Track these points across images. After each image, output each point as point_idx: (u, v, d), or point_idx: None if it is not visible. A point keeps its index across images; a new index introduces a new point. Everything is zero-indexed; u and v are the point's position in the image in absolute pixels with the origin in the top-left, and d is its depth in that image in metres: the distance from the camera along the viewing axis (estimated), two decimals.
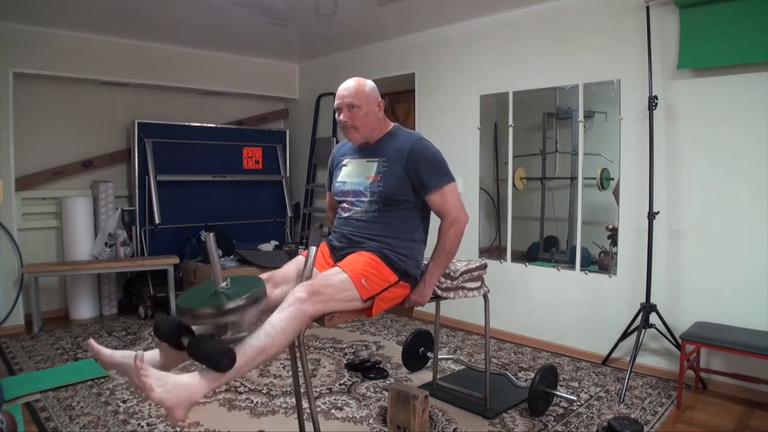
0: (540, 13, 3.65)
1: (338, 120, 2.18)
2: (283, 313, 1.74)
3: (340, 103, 2.14)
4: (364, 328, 4.17)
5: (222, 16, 3.93)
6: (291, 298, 1.77)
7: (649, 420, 2.57)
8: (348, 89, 2.13)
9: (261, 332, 1.69)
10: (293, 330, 1.75)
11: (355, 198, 2.18)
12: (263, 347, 1.67)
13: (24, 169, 4.25)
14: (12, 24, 3.94)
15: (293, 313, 1.74)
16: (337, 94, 2.17)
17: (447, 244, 2.14)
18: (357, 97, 2.11)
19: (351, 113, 2.12)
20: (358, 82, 2.15)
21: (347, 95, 2.12)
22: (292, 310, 1.75)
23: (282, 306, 1.76)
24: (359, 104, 2.11)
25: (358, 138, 2.18)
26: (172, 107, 5.12)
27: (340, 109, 2.15)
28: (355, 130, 2.15)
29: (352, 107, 2.11)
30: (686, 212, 3.06)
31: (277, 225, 5.52)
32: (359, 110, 2.11)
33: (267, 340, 1.68)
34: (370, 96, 2.15)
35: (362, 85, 2.15)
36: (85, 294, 4.43)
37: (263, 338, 1.68)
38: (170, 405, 1.53)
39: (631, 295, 3.24)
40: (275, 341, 1.70)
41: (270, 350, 1.70)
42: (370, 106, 2.14)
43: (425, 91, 4.46)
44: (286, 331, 1.73)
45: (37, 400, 2.75)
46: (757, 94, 2.77)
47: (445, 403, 2.75)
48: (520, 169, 3.92)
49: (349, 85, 2.14)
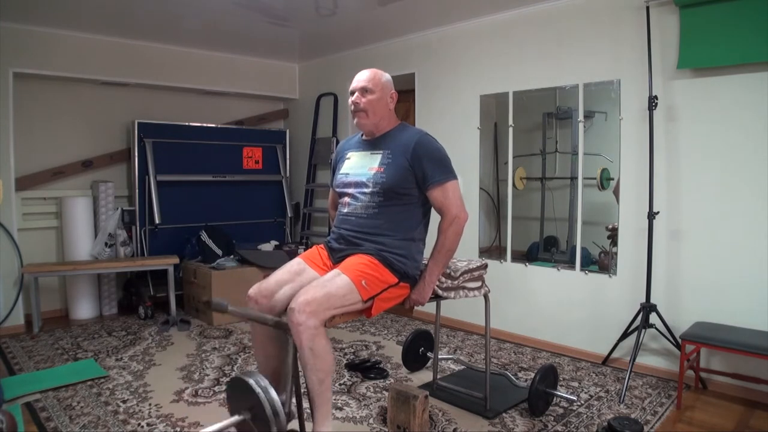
0: (540, 13, 3.65)
1: (350, 102, 2.23)
2: (303, 347, 1.83)
3: (355, 86, 2.21)
4: (364, 328, 4.17)
5: (222, 16, 3.93)
6: (294, 328, 1.83)
7: (649, 420, 2.57)
8: (364, 74, 2.22)
9: (308, 372, 1.85)
10: (321, 345, 1.85)
11: (356, 189, 2.19)
12: (321, 378, 1.86)
13: (24, 169, 4.25)
14: (12, 24, 3.94)
15: (308, 337, 1.81)
16: (355, 78, 2.24)
17: (447, 241, 2.15)
18: (372, 82, 2.18)
19: (365, 97, 2.17)
20: (375, 71, 2.24)
21: (363, 79, 2.20)
22: (305, 336, 1.81)
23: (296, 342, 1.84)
24: (373, 89, 2.17)
25: (367, 123, 2.21)
26: (171, 107, 5.12)
27: (353, 92, 2.21)
28: (364, 113, 2.19)
29: (365, 91, 2.17)
30: (686, 212, 3.06)
31: (277, 225, 5.52)
32: (372, 95, 2.17)
33: (317, 373, 1.85)
34: (385, 85, 2.22)
35: (379, 74, 2.23)
36: (85, 294, 4.43)
37: (314, 375, 1.85)
38: None
39: (631, 295, 3.25)
40: (320, 365, 1.85)
41: (325, 372, 1.88)
42: (384, 94, 2.20)
43: (425, 91, 4.46)
44: (318, 351, 1.84)
45: (37, 400, 2.75)
46: (757, 94, 2.77)
47: (445, 403, 2.75)
48: (520, 169, 3.92)
49: (366, 72, 2.23)
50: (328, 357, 1.86)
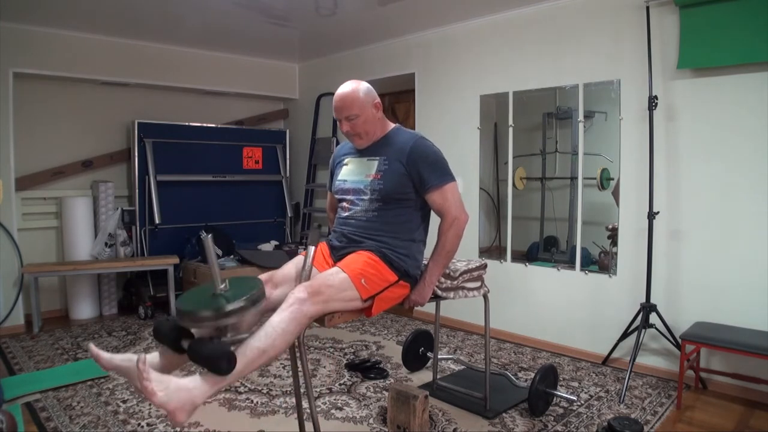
0: (540, 13, 3.65)
1: (341, 130, 2.21)
2: (283, 314, 1.74)
3: (338, 116, 2.17)
4: (364, 328, 4.17)
5: (222, 16, 3.93)
6: (291, 299, 1.77)
7: (649, 420, 2.57)
8: (343, 100, 2.13)
9: (261, 334, 1.69)
10: (293, 331, 1.75)
11: (355, 196, 2.19)
12: (264, 349, 1.68)
13: (24, 169, 4.25)
14: (12, 24, 3.94)
15: (293, 314, 1.74)
16: (333, 104, 2.17)
17: (447, 243, 2.15)
18: (353, 108, 2.11)
19: (351, 123, 2.14)
20: (351, 89, 2.14)
21: (343, 108, 2.13)
22: (293, 310, 1.74)
23: (282, 307, 1.76)
24: (357, 113, 2.12)
25: (363, 143, 2.21)
26: (172, 107, 5.12)
27: (339, 120, 2.18)
28: (358, 137, 2.18)
29: (350, 118, 2.13)
30: (686, 212, 3.06)
31: (277, 225, 5.52)
32: (358, 119, 2.13)
33: (268, 342, 1.68)
34: (365, 101, 2.13)
35: (355, 92, 2.13)
36: (85, 294, 4.43)
37: (264, 340, 1.68)
38: (172, 409, 1.53)
39: (631, 295, 3.24)
40: (276, 342, 1.70)
41: (271, 352, 1.70)
42: (368, 111, 2.14)
43: (425, 91, 4.46)
44: (287, 332, 1.73)
45: (37, 400, 2.75)
46: (756, 94, 2.77)
47: (445, 403, 2.75)
48: (520, 169, 3.92)
49: (343, 94, 2.13)
50: (284, 344, 1.73)
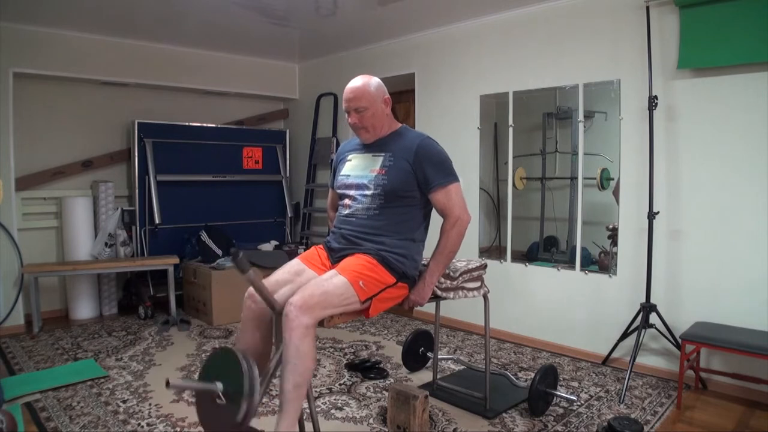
0: (540, 13, 3.65)
1: (348, 121, 2.22)
2: (289, 342, 1.78)
3: (348, 106, 2.18)
4: (364, 328, 4.17)
5: (222, 16, 3.93)
6: (286, 323, 1.79)
7: (649, 420, 2.57)
8: (354, 92, 2.16)
9: (287, 375, 1.77)
10: (308, 346, 1.80)
11: (357, 192, 2.19)
12: (296, 383, 1.78)
13: (24, 169, 4.25)
14: (12, 24, 3.94)
15: (297, 334, 1.78)
16: (344, 95, 2.20)
17: (449, 243, 2.15)
18: (363, 100, 2.14)
19: (359, 115, 2.16)
20: (363, 82, 2.17)
21: (353, 99, 2.16)
22: (294, 333, 1.78)
23: (284, 336, 1.80)
24: (366, 106, 2.14)
25: (369, 137, 2.22)
26: (171, 107, 5.12)
27: (348, 111, 2.20)
28: (365, 130, 2.19)
29: (359, 110, 2.15)
30: (686, 212, 3.06)
31: (277, 225, 5.52)
32: (366, 111, 2.15)
33: (296, 374, 1.77)
34: (376, 95, 2.17)
35: (367, 85, 2.17)
36: (85, 294, 4.43)
37: (291, 377, 1.77)
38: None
39: (631, 295, 3.25)
40: (300, 369, 1.78)
41: (305, 376, 1.80)
42: (377, 106, 2.17)
43: (425, 91, 4.46)
44: (303, 352, 1.78)
45: (37, 400, 2.75)
46: (756, 95, 2.77)
47: (445, 403, 2.75)
48: (520, 169, 3.92)
49: (354, 87, 2.17)
50: (310, 360, 1.81)
